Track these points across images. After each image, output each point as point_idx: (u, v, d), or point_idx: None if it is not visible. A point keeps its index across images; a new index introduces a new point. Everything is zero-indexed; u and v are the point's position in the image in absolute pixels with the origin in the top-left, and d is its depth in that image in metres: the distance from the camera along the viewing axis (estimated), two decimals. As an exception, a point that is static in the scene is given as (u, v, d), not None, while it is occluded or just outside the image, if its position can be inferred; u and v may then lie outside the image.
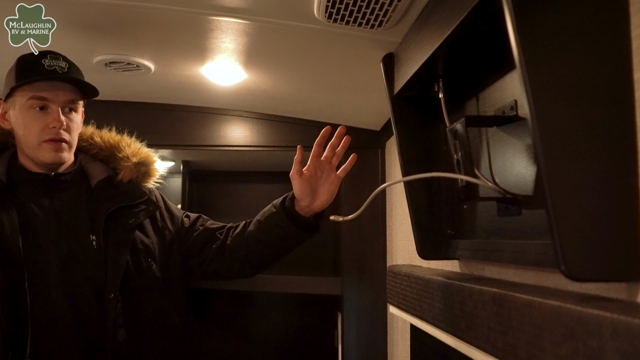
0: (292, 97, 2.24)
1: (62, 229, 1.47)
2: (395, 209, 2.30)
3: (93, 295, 1.44)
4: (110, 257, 1.47)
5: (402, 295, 1.64)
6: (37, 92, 1.44)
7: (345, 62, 1.77)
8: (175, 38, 1.69)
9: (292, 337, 3.42)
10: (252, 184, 3.55)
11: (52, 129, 1.45)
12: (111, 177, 1.61)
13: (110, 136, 1.67)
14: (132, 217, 1.56)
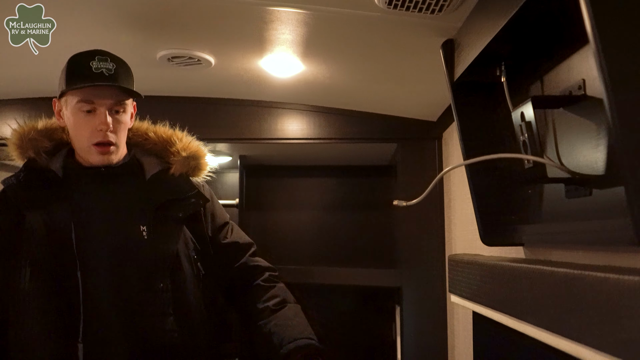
0: (349, 88, 2.25)
1: (112, 220, 1.52)
2: (454, 199, 2.28)
3: (142, 284, 1.49)
4: (159, 248, 1.52)
5: (465, 283, 1.62)
6: (84, 96, 1.48)
7: (402, 51, 1.77)
8: (236, 31, 1.73)
9: (348, 330, 3.43)
10: (306, 177, 3.59)
11: (99, 131, 1.49)
12: (164, 171, 1.65)
13: (163, 131, 1.71)
14: (181, 210, 1.61)
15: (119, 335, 1.45)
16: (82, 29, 1.78)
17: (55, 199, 1.51)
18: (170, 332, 1.49)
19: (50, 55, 1.99)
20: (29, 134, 1.58)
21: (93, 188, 1.55)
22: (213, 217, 1.73)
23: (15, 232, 1.50)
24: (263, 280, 1.71)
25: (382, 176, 3.44)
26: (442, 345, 2.44)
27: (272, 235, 3.53)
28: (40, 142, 1.58)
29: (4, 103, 2.64)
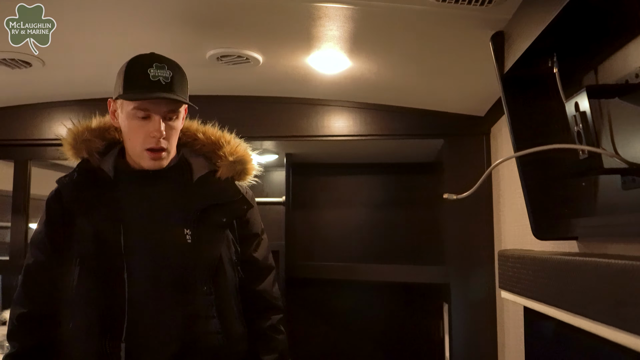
0: (395, 84, 2.24)
1: (158, 223, 1.55)
2: (503, 194, 2.25)
3: (184, 286, 1.51)
4: (203, 252, 1.54)
5: (516, 279, 1.60)
6: (140, 104, 1.50)
7: (451, 45, 1.76)
8: (284, 28, 1.75)
9: (394, 327, 3.42)
10: (352, 175, 3.59)
11: (152, 138, 1.51)
12: (211, 173, 1.66)
13: (212, 132, 1.72)
14: (225, 214, 1.62)
15: (161, 336, 1.48)
16: (133, 31, 1.83)
17: (106, 199, 1.55)
18: (215, 334, 1.52)
19: (103, 58, 2.07)
20: (82, 135, 1.62)
21: (141, 190, 1.58)
22: (247, 222, 1.71)
23: (67, 231, 1.55)
24: (270, 328, 1.68)
25: (427, 173, 3.42)
26: (492, 343, 2.41)
27: (318, 233, 3.55)
28: (94, 143, 1.62)
29: (59, 105, 2.74)
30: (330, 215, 3.60)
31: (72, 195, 1.56)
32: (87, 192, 1.56)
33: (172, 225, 1.55)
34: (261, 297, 1.69)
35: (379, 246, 3.47)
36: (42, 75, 2.25)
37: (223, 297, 1.56)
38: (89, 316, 1.47)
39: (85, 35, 1.88)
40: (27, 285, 1.58)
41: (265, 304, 1.70)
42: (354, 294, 3.45)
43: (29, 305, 1.56)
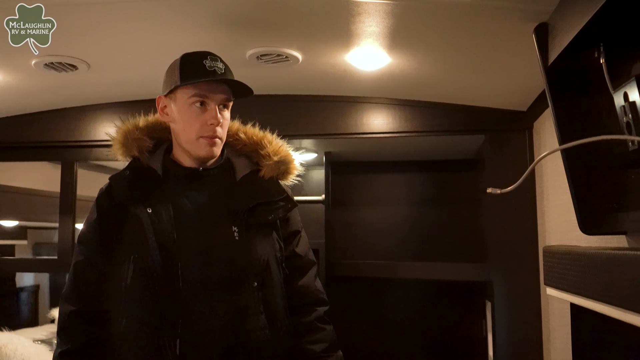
0: (434, 80, 2.23)
1: (206, 221, 1.56)
2: (547, 190, 2.21)
3: (233, 282, 1.52)
4: (250, 250, 1.55)
5: (562, 275, 1.57)
6: (199, 91, 1.53)
7: (492, 38, 1.74)
8: (323, 25, 1.75)
9: (435, 325, 3.40)
10: (391, 173, 3.58)
11: (210, 125, 1.53)
12: (254, 172, 1.68)
13: (254, 132, 1.73)
14: (271, 213, 1.62)
15: (213, 331, 1.49)
16: (175, 32, 1.86)
17: (157, 196, 1.56)
18: (262, 330, 1.52)
19: (145, 59, 2.11)
20: (132, 133, 1.64)
21: (189, 188, 1.60)
22: (288, 221, 1.72)
23: (118, 228, 1.56)
24: (317, 319, 1.68)
25: (467, 170, 3.39)
26: (537, 341, 2.37)
27: (358, 231, 3.55)
28: (144, 142, 1.64)
29: (103, 107, 2.81)
30: (370, 213, 3.59)
31: (123, 191, 1.57)
32: (139, 189, 1.57)
33: (220, 223, 1.56)
34: (305, 291, 1.69)
35: (419, 244, 3.45)
36: (88, 78, 2.31)
37: (270, 293, 1.57)
38: (144, 313, 1.48)
39: (128, 38, 1.93)
40: (76, 283, 1.60)
41: (310, 298, 1.69)
42: (395, 291, 3.44)
43: (78, 302, 1.58)
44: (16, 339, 4.19)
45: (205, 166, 1.61)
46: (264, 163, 1.68)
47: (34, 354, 4.17)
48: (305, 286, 1.69)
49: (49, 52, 2.01)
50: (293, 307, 1.65)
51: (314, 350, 1.62)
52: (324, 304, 1.72)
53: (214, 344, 1.49)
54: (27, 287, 5.65)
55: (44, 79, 2.30)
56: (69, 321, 1.58)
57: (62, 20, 1.75)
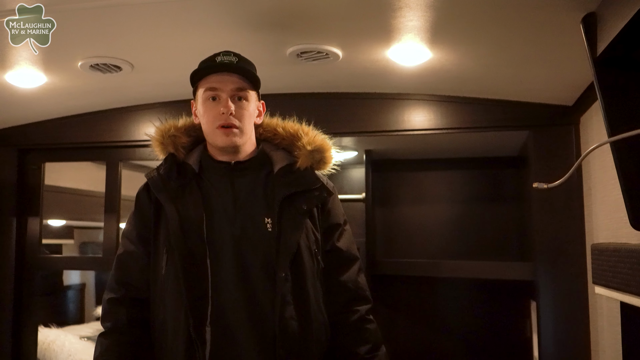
0: (477, 74, 2.19)
1: (239, 212, 1.61)
2: (595, 186, 2.15)
3: (264, 273, 1.57)
4: (282, 240, 1.57)
5: (612, 273, 1.53)
6: (209, 84, 1.60)
7: (537, 30, 1.70)
8: (363, 21, 1.74)
9: (478, 324, 3.34)
10: (432, 171, 3.55)
11: (222, 115, 1.58)
12: (291, 164, 1.70)
13: (291, 125, 1.77)
14: (305, 202, 1.64)
15: (243, 319, 1.54)
16: (216, 31, 1.88)
17: (190, 190, 1.63)
18: (290, 320, 1.54)
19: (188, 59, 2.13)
20: (169, 131, 1.72)
21: (224, 181, 1.65)
22: (329, 212, 1.73)
23: (156, 222, 1.64)
24: (360, 319, 1.66)
25: (511, 167, 3.34)
26: (585, 343, 2.30)
27: (399, 229, 3.52)
28: (179, 139, 1.72)
29: (146, 107, 2.85)
30: (411, 211, 3.56)
31: (159, 186, 1.64)
32: (173, 183, 1.64)
33: (253, 214, 1.61)
34: (347, 287, 1.68)
35: (463, 242, 3.41)
36: (131, 79, 2.35)
37: (300, 284, 1.58)
38: (177, 302, 1.54)
39: (170, 38, 1.95)
40: (118, 274, 1.67)
41: (352, 294, 1.68)
42: (438, 290, 3.41)
43: (119, 291, 1.65)
44: (63, 336, 4.31)
45: (238, 159, 1.66)
46: (299, 153, 1.70)
47: (80, 350, 4.28)
48: (347, 282, 1.68)
49: (95, 53, 2.05)
50: (334, 303, 1.66)
51: (358, 352, 1.62)
52: (367, 301, 1.70)
53: (244, 332, 1.53)
54: (73, 285, 5.79)
55: (89, 80, 2.35)
56: (108, 307, 1.66)
57: (107, 21, 1.80)
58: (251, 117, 1.66)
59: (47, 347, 4.10)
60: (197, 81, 1.64)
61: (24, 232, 3.09)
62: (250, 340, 1.53)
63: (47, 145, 3.05)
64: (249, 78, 1.62)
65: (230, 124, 1.59)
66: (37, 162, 3.14)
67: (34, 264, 3.10)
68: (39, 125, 3.00)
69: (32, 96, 2.51)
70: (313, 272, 1.63)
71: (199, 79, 1.63)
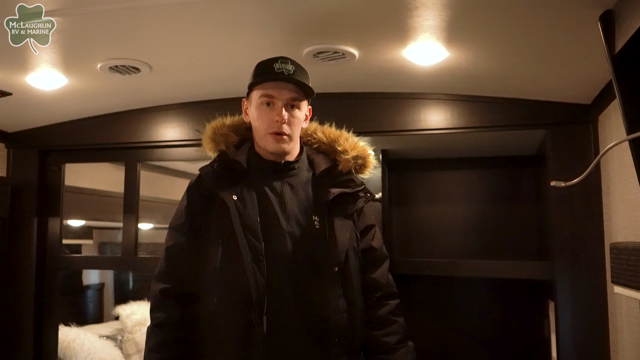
0: (493, 73, 2.18)
1: (288, 209, 1.71)
2: (613, 185, 2.13)
3: (311, 267, 1.68)
4: (333, 237, 1.69)
5: (631, 272, 1.52)
6: (266, 91, 1.70)
7: (554, 28, 1.69)
8: (380, 20, 1.74)
9: (496, 324, 3.32)
10: (448, 170, 3.53)
11: (276, 122, 1.69)
12: (332, 167, 1.82)
13: (331, 131, 1.89)
14: (351, 204, 1.77)
15: (293, 310, 1.64)
16: (233, 32, 1.89)
17: (242, 186, 1.72)
18: (341, 313, 1.66)
19: (206, 60, 2.16)
20: (221, 129, 1.82)
21: (272, 179, 1.75)
22: (364, 215, 1.84)
23: (206, 215, 1.73)
24: (389, 312, 1.79)
25: (528, 166, 3.31)
26: (604, 343, 2.28)
27: (416, 229, 3.51)
28: (230, 137, 1.81)
29: (165, 108, 2.88)
30: (428, 211, 3.55)
31: (212, 181, 1.73)
32: (225, 179, 1.73)
33: (301, 212, 1.72)
34: (378, 283, 1.80)
35: (480, 242, 3.40)
36: (150, 80, 2.38)
37: (348, 279, 1.70)
38: (234, 292, 1.62)
39: (189, 39, 1.97)
40: (168, 265, 1.74)
41: (383, 290, 1.80)
42: (455, 290, 3.39)
43: (169, 282, 1.72)
44: (83, 335, 4.37)
45: (285, 160, 1.76)
46: (341, 158, 1.82)
47: (99, 349, 4.34)
48: (379, 279, 1.81)
49: (114, 55, 2.08)
50: (367, 298, 1.77)
51: (388, 342, 1.74)
52: (396, 297, 1.84)
53: (297, 323, 1.65)
54: (92, 285, 5.86)
55: (108, 82, 2.38)
56: (160, 298, 1.73)
57: (125, 23, 1.82)
58: (300, 124, 1.76)
59: (67, 346, 4.16)
60: (250, 82, 1.74)
61: (45, 232, 3.13)
62: (300, 329, 1.64)
63: (67, 146, 3.09)
64: (304, 89, 1.71)
65: (282, 131, 1.69)
66: (57, 163, 3.18)
67: (55, 263, 3.14)
68: (59, 127, 3.05)
69: (52, 98, 2.55)
70: (356, 268, 1.74)
71: (253, 82, 1.73)
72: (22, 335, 3.04)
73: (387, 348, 1.73)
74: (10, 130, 3.09)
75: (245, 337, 1.60)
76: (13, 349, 3.03)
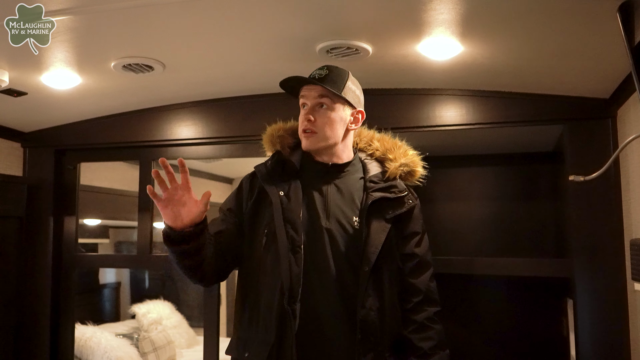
0: (510, 67, 2.15)
1: (330, 209, 1.81)
2: (633, 180, 2.09)
3: (348, 264, 1.76)
4: (369, 238, 1.76)
5: (652, 268, 1.49)
6: (300, 94, 1.84)
7: (571, 21, 1.66)
8: (393, 15, 1.73)
9: (514, 322, 3.29)
10: (464, 167, 3.50)
11: (303, 122, 1.82)
12: (382, 173, 1.91)
13: (385, 139, 2.00)
14: (392, 208, 1.83)
15: (327, 301, 1.73)
16: (245, 29, 1.88)
17: (291, 183, 1.83)
18: (370, 311, 1.72)
19: (218, 57, 2.15)
20: (278, 132, 1.94)
21: (320, 179, 1.85)
22: (411, 220, 1.90)
23: (256, 205, 1.84)
24: (427, 319, 1.83)
25: (544, 163, 3.27)
26: (624, 341, 2.25)
27: (432, 227, 3.42)
28: (286, 139, 1.94)
29: (178, 107, 2.88)
30: (443, 208, 3.52)
31: (265, 177, 1.84)
32: (278, 176, 1.85)
33: (344, 211, 1.81)
34: (419, 290, 1.85)
35: (496, 239, 3.37)
36: (163, 79, 2.38)
37: (380, 279, 1.76)
38: (272, 278, 1.74)
39: (202, 37, 1.97)
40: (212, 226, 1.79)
41: (423, 296, 1.85)
42: (471, 287, 3.36)
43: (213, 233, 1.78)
44: (99, 333, 4.40)
45: (334, 162, 1.86)
46: (391, 165, 1.91)
47: (115, 347, 4.36)
48: (419, 285, 1.86)
49: (127, 53, 2.08)
50: (406, 302, 1.84)
51: (422, 347, 1.79)
52: (436, 304, 1.89)
53: (328, 313, 1.73)
54: (109, 284, 5.90)
55: (122, 81, 2.38)
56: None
57: (138, 21, 1.82)
58: (334, 124, 1.82)
59: (84, 344, 4.19)
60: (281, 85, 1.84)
61: (61, 231, 3.16)
62: (332, 319, 1.73)
63: (82, 145, 3.11)
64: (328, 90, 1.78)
65: (308, 128, 1.80)
66: (72, 162, 3.20)
67: (71, 262, 3.16)
68: (74, 126, 3.07)
69: (67, 97, 2.57)
70: (391, 271, 1.81)
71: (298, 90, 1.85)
72: (40, 334, 3.06)
73: (420, 353, 1.79)
74: (26, 129, 3.12)
75: (281, 321, 1.69)
76: (31, 347, 3.06)
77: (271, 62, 2.22)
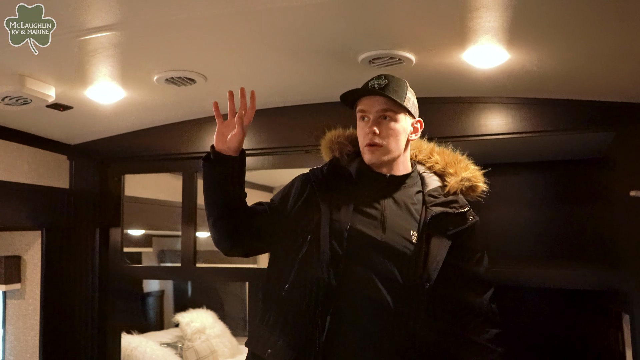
0: (558, 74, 2.09)
1: (387, 221, 1.73)
2: (691, 190, 2.00)
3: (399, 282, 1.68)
4: (426, 254, 1.71)
5: None
6: (360, 106, 1.79)
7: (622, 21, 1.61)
8: (437, 23, 1.70)
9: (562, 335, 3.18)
10: (509, 175, 3.40)
11: (367, 135, 1.76)
12: (441, 187, 1.85)
13: (446, 153, 1.95)
14: (452, 224, 1.77)
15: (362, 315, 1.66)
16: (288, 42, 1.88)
17: (343, 192, 1.78)
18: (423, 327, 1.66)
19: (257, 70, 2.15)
20: (337, 138, 1.92)
21: (377, 190, 1.79)
22: (471, 238, 1.83)
23: (303, 208, 1.79)
24: (488, 340, 1.77)
25: (594, 169, 3.16)
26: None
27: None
28: (345, 147, 1.90)
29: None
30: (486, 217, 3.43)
31: (319, 182, 1.81)
32: (332, 183, 1.81)
33: (400, 224, 1.74)
34: (479, 309, 1.79)
35: (540, 248, 3.27)
36: (205, 91, 2.39)
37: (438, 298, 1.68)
38: (307, 285, 1.68)
39: (243, 49, 1.97)
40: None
41: (483, 316, 1.79)
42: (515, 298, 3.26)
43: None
44: (145, 343, 4.45)
45: (392, 173, 1.81)
46: (451, 179, 1.86)
47: (160, 357, 4.40)
48: (480, 304, 1.80)
49: (169, 67, 2.10)
50: (465, 322, 1.76)
51: None
52: (497, 326, 1.82)
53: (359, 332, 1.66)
54: (153, 292, 5.98)
55: (165, 94, 2.41)
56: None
57: (180, 35, 1.83)
58: (398, 136, 1.78)
59: (130, 354, 4.25)
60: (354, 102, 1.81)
61: (107, 242, 3.21)
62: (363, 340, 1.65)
63: (126, 157, 3.16)
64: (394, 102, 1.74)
65: (373, 142, 1.75)
66: (117, 174, 3.25)
67: (117, 273, 3.20)
68: (118, 139, 3.11)
69: (111, 111, 2.60)
70: (450, 289, 1.73)
71: (353, 101, 1.81)
72: (86, 343, 3.11)
73: None
74: (72, 142, 3.18)
75: (309, 330, 1.64)
76: (77, 357, 3.10)
77: (313, 73, 2.21)
